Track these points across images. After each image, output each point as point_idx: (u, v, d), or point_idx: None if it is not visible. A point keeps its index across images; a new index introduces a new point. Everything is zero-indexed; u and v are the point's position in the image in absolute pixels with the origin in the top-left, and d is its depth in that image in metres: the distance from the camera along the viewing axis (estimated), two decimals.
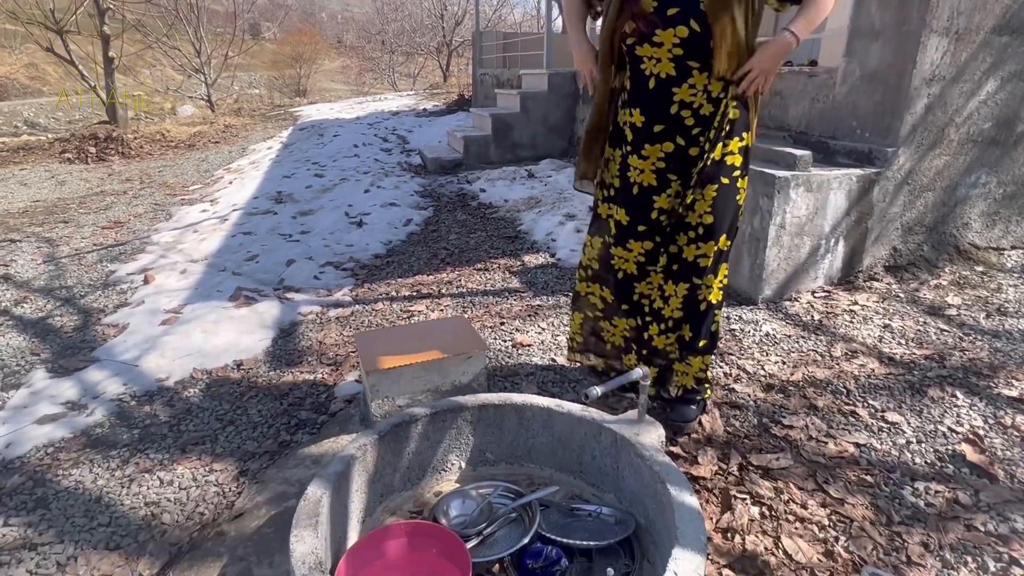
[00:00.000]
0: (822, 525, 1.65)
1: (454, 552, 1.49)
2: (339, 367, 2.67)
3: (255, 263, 4.00)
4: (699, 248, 1.88)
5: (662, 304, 2.00)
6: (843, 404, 2.16)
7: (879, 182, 3.01)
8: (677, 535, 1.31)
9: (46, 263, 4.22)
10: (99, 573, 1.66)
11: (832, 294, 3.04)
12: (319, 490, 1.46)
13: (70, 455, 2.15)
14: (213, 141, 9.66)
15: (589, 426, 1.75)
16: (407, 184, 5.83)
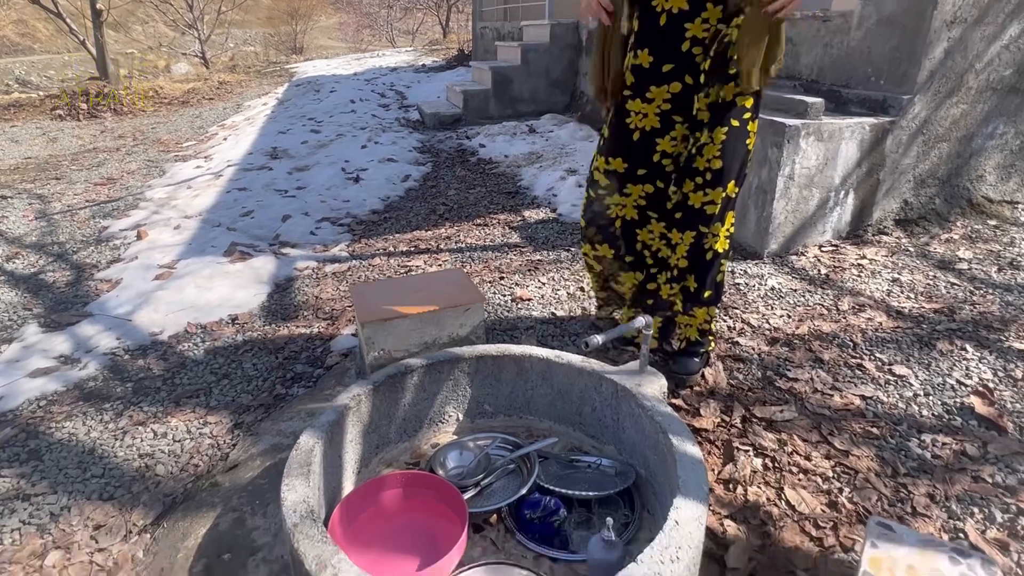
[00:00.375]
0: (826, 476, 1.62)
1: (451, 502, 1.46)
2: (335, 321, 2.63)
3: (250, 219, 3.92)
4: (706, 195, 1.80)
5: (668, 252, 1.94)
6: (849, 357, 2.12)
7: (893, 132, 2.90)
8: (679, 484, 1.27)
9: (38, 219, 4.15)
10: (93, 523, 1.64)
11: (840, 248, 2.97)
12: (311, 439, 1.42)
13: (63, 408, 2.12)
14: (207, 98, 9.44)
15: (589, 377, 1.71)
16: (405, 140, 5.70)
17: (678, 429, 1.44)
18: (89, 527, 1.62)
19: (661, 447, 1.47)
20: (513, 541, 1.48)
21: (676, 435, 1.42)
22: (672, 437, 1.41)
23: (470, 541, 1.47)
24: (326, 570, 1.09)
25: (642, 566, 1.10)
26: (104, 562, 1.52)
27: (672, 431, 1.43)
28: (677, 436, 1.42)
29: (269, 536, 1.49)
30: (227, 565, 1.41)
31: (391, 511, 1.51)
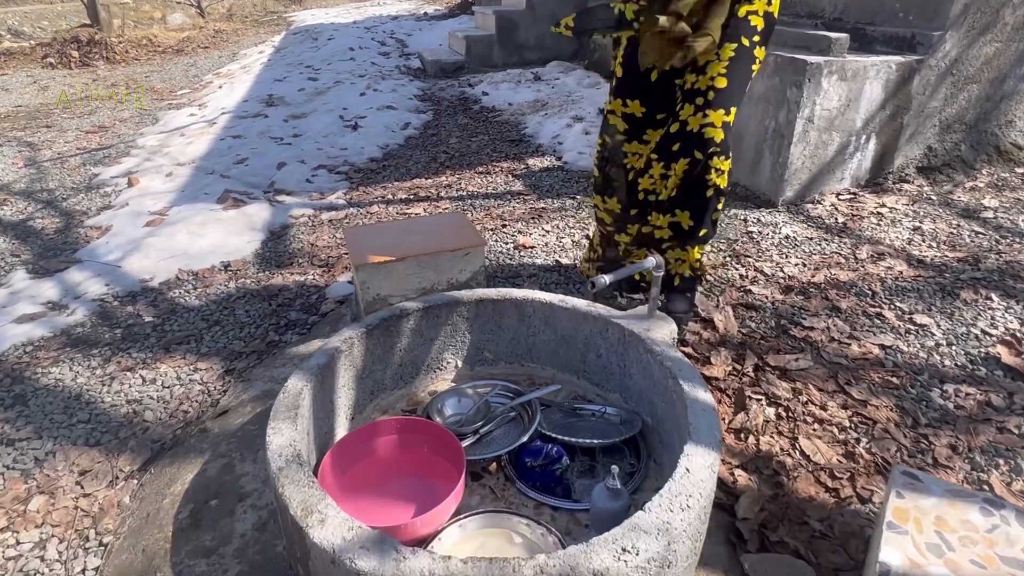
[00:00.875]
0: (842, 427, 1.54)
1: (448, 449, 1.39)
2: (331, 268, 2.53)
3: (244, 166, 3.78)
4: (706, 116, 1.65)
5: (661, 188, 1.82)
6: (868, 306, 2.02)
7: (920, 71, 2.73)
8: (689, 430, 1.19)
9: (27, 167, 4.03)
10: (78, 469, 1.58)
11: (858, 196, 2.84)
12: (300, 382, 1.34)
13: (49, 354, 2.06)
14: (202, 46, 9.14)
15: (595, 322, 1.61)
16: (405, 88, 5.49)
17: (689, 374, 1.36)
18: (74, 472, 1.57)
19: (670, 393, 1.38)
20: (513, 490, 1.41)
21: (687, 380, 1.33)
22: (683, 383, 1.32)
23: (468, 489, 1.40)
24: (312, 516, 1.02)
25: (650, 514, 1.03)
26: (89, 508, 1.47)
27: (683, 376, 1.35)
28: (688, 382, 1.33)
29: (258, 483, 1.42)
30: (214, 511, 1.35)
31: (386, 459, 1.44)
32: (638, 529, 1.00)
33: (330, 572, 0.99)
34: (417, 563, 0.94)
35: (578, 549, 0.97)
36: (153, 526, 1.35)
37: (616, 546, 0.97)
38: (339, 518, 1.02)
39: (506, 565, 0.94)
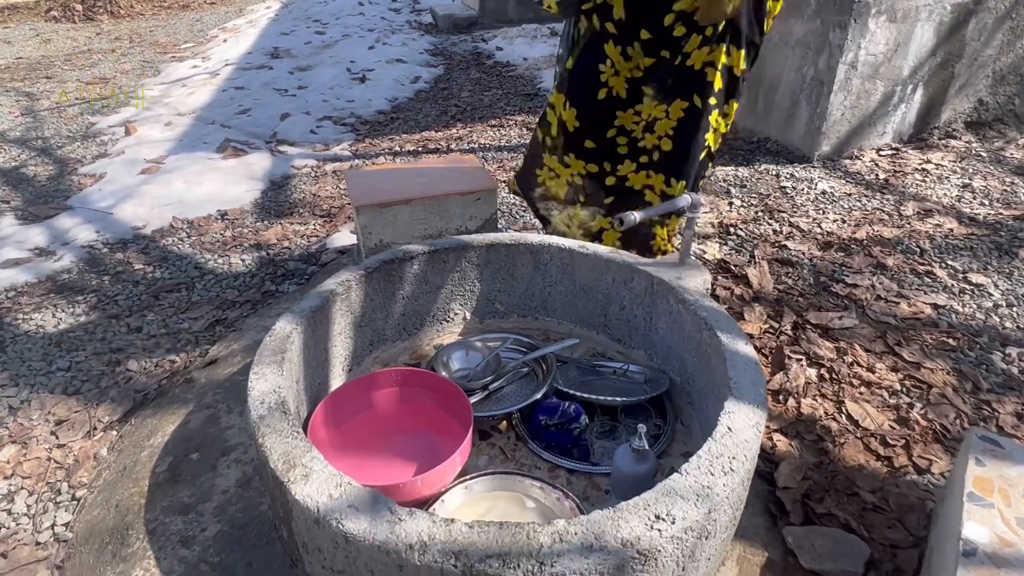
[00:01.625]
0: (893, 390, 1.38)
1: (454, 404, 1.25)
2: (333, 219, 2.38)
3: (247, 116, 3.61)
4: (711, 51, 1.43)
5: (642, 135, 1.56)
6: (917, 264, 1.84)
7: (977, 14, 2.49)
8: (730, 386, 1.04)
9: (24, 115, 3.88)
10: (54, 418, 1.46)
11: (900, 152, 2.63)
12: (289, 325, 1.20)
13: (32, 299, 1.93)
14: (209, 2, 8.87)
15: (619, 270, 1.45)
16: (416, 42, 5.26)
17: (727, 326, 1.20)
18: (50, 422, 1.45)
19: (705, 347, 1.23)
20: (524, 450, 1.27)
21: (725, 332, 1.17)
22: (720, 334, 1.17)
23: (475, 448, 1.27)
24: (295, 470, 0.88)
25: (688, 477, 0.88)
26: (63, 459, 1.35)
27: (720, 328, 1.19)
28: (726, 333, 1.17)
29: (244, 436, 1.29)
30: (195, 465, 1.23)
31: (384, 414, 1.30)
32: (674, 494, 0.86)
33: (314, 535, 0.86)
34: (415, 526, 0.80)
35: (603, 515, 0.82)
36: (128, 480, 1.22)
37: (648, 512, 0.83)
38: (326, 473, 0.88)
39: (519, 531, 0.80)
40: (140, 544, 1.08)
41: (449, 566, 0.76)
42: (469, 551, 0.77)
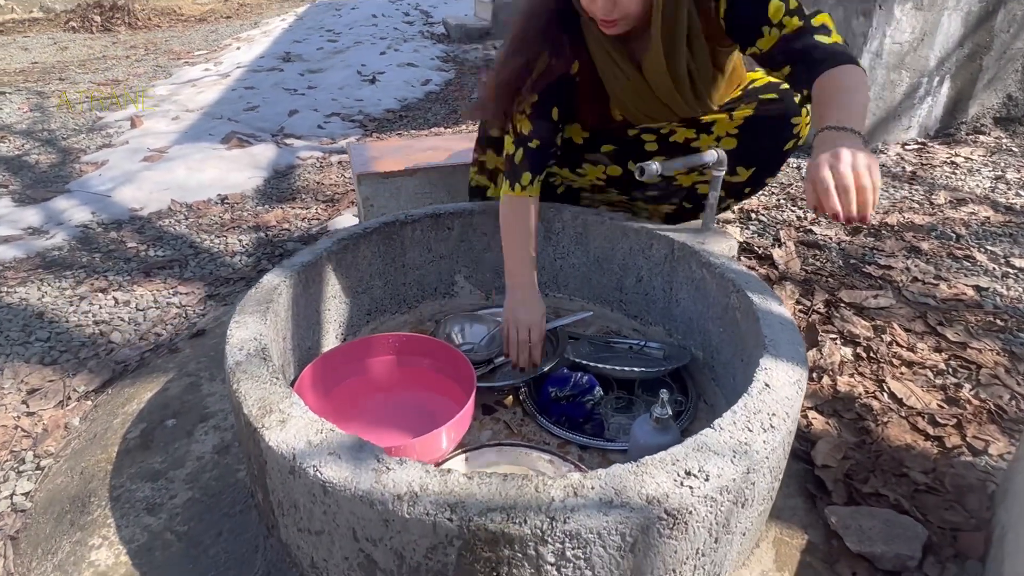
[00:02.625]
0: (938, 370, 1.26)
1: (455, 370, 1.14)
2: (336, 203, 2.29)
3: (254, 112, 3.57)
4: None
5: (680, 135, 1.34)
6: (953, 248, 1.72)
7: (1007, 4, 2.41)
8: (765, 344, 0.92)
9: (33, 111, 3.86)
10: (27, 387, 1.36)
11: (927, 147, 2.52)
12: (277, 278, 1.10)
13: (19, 274, 1.84)
14: (225, 16, 9.00)
15: (636, 237, 1.35)
16: (428, 49, 5.25)
17: (757, 286, 1.09)
18: (23, 391, 1.35)
19: (733, 311, 1.11)
20: (533, 426, 1.16)
21: (756, 292, 1.06)
22: (751, 294, 1.05)
23: (478, 423, 1.15)
24: (270, 415, 0.77)
25: (722, 433, 0.76)
26: (31, 428, 1.24)
27: (750, 288, 1.08)
28: (758, 294, 1.06)
29: (226, 403, 1.19)
30: (169, 431, 1.12)
31: (380, 379, 1.19)
32: (707, 449, 0.74)
33: (290, 487, 0.74)
34: (405, 475, 0.69)
35: (625, 468, 0.71)
36: (97, 446, 1.11)
37: (678, 468, 0.71)
38: (305, 419, 0.77)
39: (526, 483, 0.68)
40: (101, 512, 0.97)
41: (443, 520, 0.65)
42: (467, 503, 0.66)
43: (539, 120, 1.23)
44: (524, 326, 1.18)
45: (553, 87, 1.21)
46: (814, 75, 0.99)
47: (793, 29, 1.05)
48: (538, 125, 1.23)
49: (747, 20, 1.08)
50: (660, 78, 1.16)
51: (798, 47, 1.04)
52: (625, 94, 1.22)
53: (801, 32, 1.04)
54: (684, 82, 1.17)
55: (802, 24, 1.05)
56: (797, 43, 1.04)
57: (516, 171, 1.24)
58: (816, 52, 1.01)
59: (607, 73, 1.21)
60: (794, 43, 1.04)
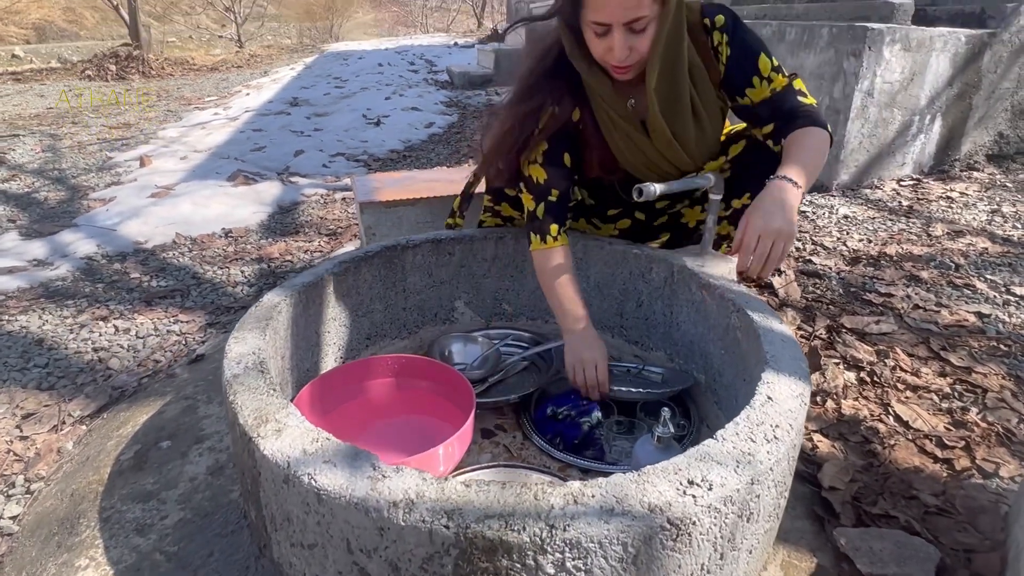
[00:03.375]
0: (944, 394, 1.24)
1: (454, 392, 1.12)
2: (338, 236, 2.32)
3: (261, 153, 3.65)
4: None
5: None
6: (953, 277, 1.72)
7: (992, 46, 2.49)
8: (766, 359, 0.92)
9: (45, 151, 3.95)
10: (22, 412, 1.34)
11: (922, 183, 2.56)
12: (277, 297, 1.10)
13: (21, 303, 1.85)
14: (236, 66, 9.31)
15: (636, 262, 1.35)
16: (432, 95, 5.40)
17: (758, 306, 1.09)
18: (17, 416, 1.33)
19: (734, 331, 1.11)
20: (533, 449, 1.14)
21: (757, 311, 1.06)
22: (751, 313, 1.05)
23: (477, 446, 1.13)
24: (266, 425, 0.76)
25: (724, 443, 0.75)
26: (24, 452, 1.22)
27: (750, 307, 1.07)
28: (758, 312, 1.06)
29: (222, 425, 1.17)
30: (163, 453, 1.10)
31: (379, 401, 1.18)
32: (709, 459, 0.73)
33: (283, 499, 0.72)
34: (401, 482, 0.67)
35: (626, 477, 0.69)
36: (89, 468, 1.09)
37: (680, 477, 0.70)
38: (301, 428, 0.76)
39: (524, 491, 0.67)
40: (90, 532, 0.94)
41: (439, 527, 0.63)
42: (464, 510, 0.64)
43: (552, 168, 1.24)
44: (590, 364, 1.18)
45: (560, 133, 1.23)
46: (788, 133, 1.12)
47: (781, 87, 1.15)
48: (552, 173, 1.24)
49: (740, 71, 1.15)
50: (660, 132, 1.18)
51: (785, 107, 1.15)
52: (626, 147, 1.24)
53: (787, 92, 1.15)
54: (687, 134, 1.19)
55: (787, 83, 1.16)
56: (784, 103, 1.15)
57: (542, 226, 1.25)
58: (798, 113, 1.13)
59: (607, 126, 1.23)
60: (782, 102, 1.15)
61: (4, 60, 12.98)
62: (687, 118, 1.18)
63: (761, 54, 1.15)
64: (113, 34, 17.66)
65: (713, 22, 1.14)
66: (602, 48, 1.09)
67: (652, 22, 1.05)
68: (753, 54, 1.14)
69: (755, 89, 1.16)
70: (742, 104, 1.19)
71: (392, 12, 28.57)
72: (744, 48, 1.15)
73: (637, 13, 1.02)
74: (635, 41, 1.06)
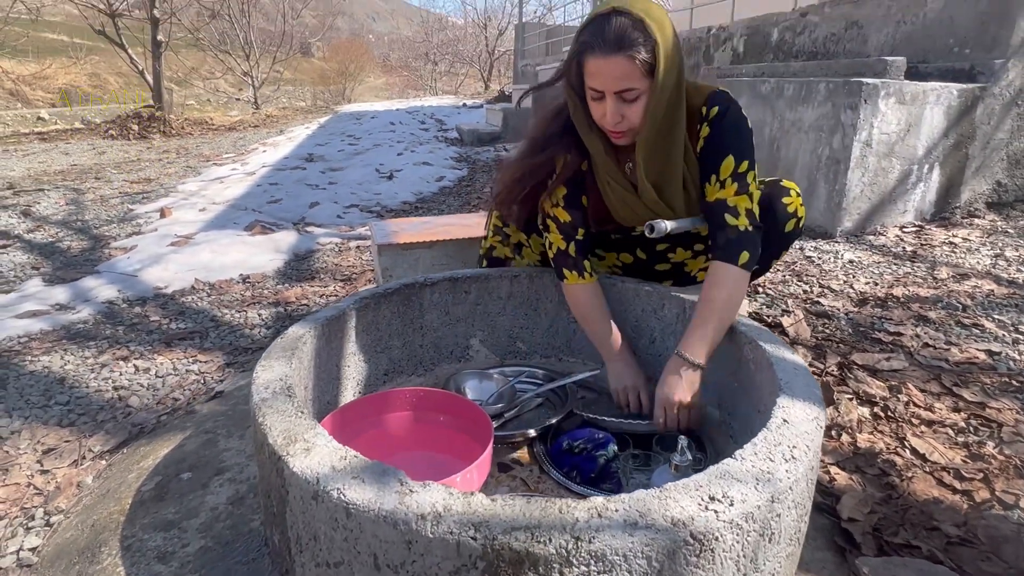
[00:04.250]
0: (959, 428, 1.25)
1: (472, 423, 1.14)
2: (353, 282, 2.37)
3: (278, 205, 3.76)
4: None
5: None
6: (961, 317, 1.74)
7: (984, 99, 2.59)
8: (780, 386, 0.94)
9: (69, 204, 4.08)
10: (43, 447, 1.36)
11: (924, 229, 2.61)
12: (302, 329, 1.13)
13: (44, 344, 1.89)
14: (253, 126, 9.67)
15: (648, 299, 1.39)
16: (442, 151, 5.59)
17: (769, 337, 1.11)
18: (38, 451, 1.35)
19: (748, 363, 1.13)
20: (550, 483, 1.14)
21: (768, 343, 1.09)
22: (764, 345, 1.08)
23: (494, 479, 1.14)
24: (295, 444, 0.79)
25: (743, 462, 0.77)
26: (44, 486, 1.23)
27: (762, 339, 1.10)
28: (770, 343, 1.08)
29: (242, 458, 1.18)
30: (184, 484, 1.11)
31: (397, 438, 1.19)
32: (729, 477, 0.74)
33: (311, 516, 0.74)
34: (427, 496, 0.69)
35: (648, 493, 0.71)
36: (110, 500, 1.10)
37: (701, 493, 0.71)
38: (330, 447, 0.78)
39: (550, 505, 0.68)
40: (111, 560, 0.94)
41: (467, 538, 0.64)
42: (491, 523, 0.65)
43: (574, 210, 1.32)
44: (633, 392, 1.26)
45: (575, 179, 1.31)
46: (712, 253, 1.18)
47: (721, 198, 1.18)
48: (574, 215, 1.32)
49: (704, 164, 1.22)
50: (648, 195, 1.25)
51: (715, 222, 1.18)
52: (620, 204, 1.30)
53: (722, 207, 1.17)
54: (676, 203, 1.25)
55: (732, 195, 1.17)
56: (716, 218, 1.18)
57: (576, 262, 1.32)
58: (720, 238, 1.17)
59: (603, 183, 1.30)
60: (715, 219, 1.18)
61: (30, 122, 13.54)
62: (677, 188, 1.24)
63: (729, 155, 1.17)
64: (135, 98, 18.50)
65: (708, 113, 1.20)
66: (598, 112, 1.17)
67: (643, 95, 1.13)
68: (721, 153, 1.18)
69: (709, 186, 1.21)
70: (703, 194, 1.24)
71: (402, 76, 29.80)
72: (715, 145, 1.19)
73: (627, 84, 1.10)
74: (626, 109, 1.14)
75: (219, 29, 15.44)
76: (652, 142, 1.18)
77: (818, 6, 3.64)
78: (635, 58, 1.07)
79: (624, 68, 1.08)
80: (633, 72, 1.08)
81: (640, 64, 1.08)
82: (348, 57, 25.62)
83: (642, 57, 1.08)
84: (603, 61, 1.08)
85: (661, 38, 1.09)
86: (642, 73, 1.09)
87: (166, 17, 8.98)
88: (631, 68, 1.08)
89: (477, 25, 22.06)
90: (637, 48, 1.07)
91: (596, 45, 1.08)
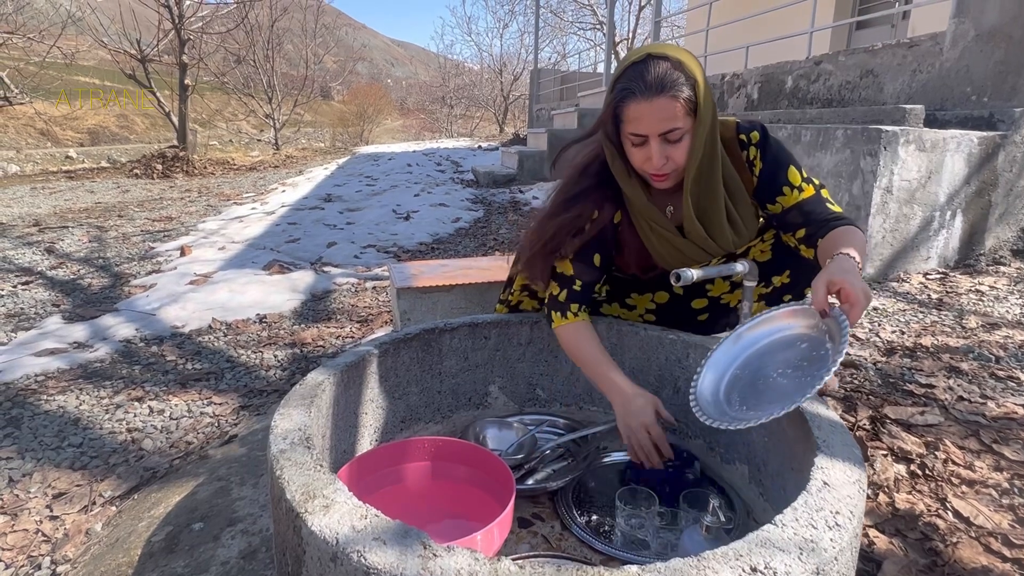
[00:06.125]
0: (1003, 489, 1.19)
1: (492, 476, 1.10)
2: (369, 323, 2.36)
3: (296, 244, 3.80)
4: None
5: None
6: (996, 369, 1.69)
7: (1005, 147, 2.57)
8: (817, 445, 0.90)
9: (91, 242, 4.15)
10: (54, 491, 1.34)
11: (949, 276, 2.56)
12: (321, 376, 1.12)
13: (60, 383, 1.88)
14: (273, 166, 9.88)
15: (672, 347, 1.36)
16: (458, 192, 5.65)
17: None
18: (48, 495, 1.32)
19: (779, 418, 1.09)
20: (572, 540, 1.10)
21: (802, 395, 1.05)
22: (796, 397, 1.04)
23: (515, 536, 1.10)
24: (314, 500, 0.76)
25: (784, 529, 0.72)
26: (52, 532, 1.20)
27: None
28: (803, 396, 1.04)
29: (256, 507, 1.15)
30: (196, 535, 1.07)
31: (415, 489, 1.15)
32: (770, 545, 0.70)
33: (329, 575, 0.70)
34: (453, 562, 0.65)
35: (685, 562, 0.67)
36: (119, 550, 1.07)
37: (742, 564, 0.67)
38: (349, 505, 0.75)
39: (581, 572, 0.64)
40: None
41: None
42: None
43: (580, 264, 1.30)
44: (641, 429, 1.19)
45: (597, 238, 1.29)
46: (824, 234, 1.16)
47: (810, 195, 1.22)
48: (579, 268, 1.30)
49: (772, 181, 1.23)
50: (696, 234, 1.23)
51: (817, 213, 1.20)
52: (664, 249, 1.28)
53: (817, 200, 1.21)
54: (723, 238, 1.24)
55: (815, 192, 1.22)
56: (815, 210, 1.20)
57: (563, 306, 1.30)
58: (831, 217, 1.19)
59: (644, 231, 1.28)
60: (812, 209, 1.20)
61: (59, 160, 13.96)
62: (722, 222, 1.24)
63: (791, 166, 1.23)
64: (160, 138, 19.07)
65: (749, 138, 1.23)
66: (641, 157, 1.16)
67: (687, 134, 1.13)
68: (784, 166, 1.23)
69: (785, 197, 1.23)
70: (772, 212, 1.26)
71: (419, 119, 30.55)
72: (776, 161, 1.23)
73: (672, 125, 1.11)
74: (671, 151, 1.14)
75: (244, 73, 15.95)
76: (698, 179, 1.19)
77: (832, 55, 3.69)
78: (679, 97, 1.08)
79: (669, 109, 1.09)
80: (678, 112, 1.09)
81: (684, 103, 1.09)
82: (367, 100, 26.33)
83: (685, 96, 1.09)
84: (646, 104, 1.09)
85: (699, 76, 1.11)
86: (686, 111, 1.10)
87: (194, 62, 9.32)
88: (676, 108, 1.09)
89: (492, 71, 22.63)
90: (680, 88, 1.08)
91: (637, 90, 1.09)
